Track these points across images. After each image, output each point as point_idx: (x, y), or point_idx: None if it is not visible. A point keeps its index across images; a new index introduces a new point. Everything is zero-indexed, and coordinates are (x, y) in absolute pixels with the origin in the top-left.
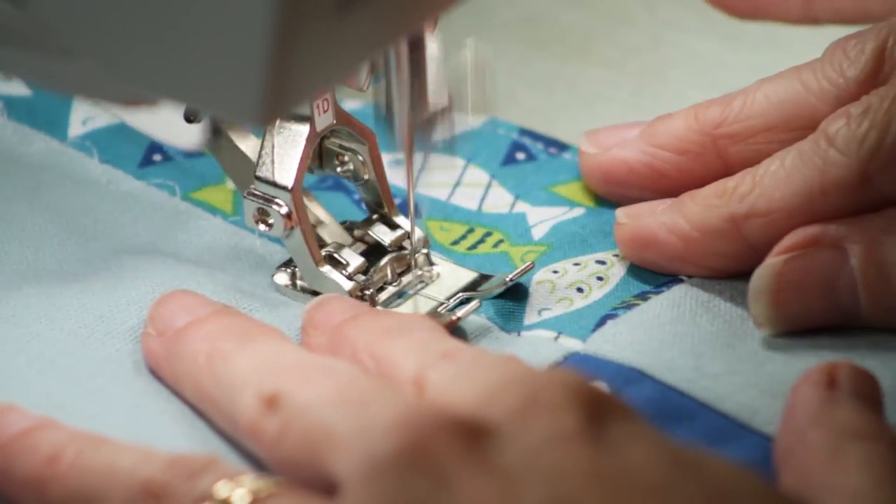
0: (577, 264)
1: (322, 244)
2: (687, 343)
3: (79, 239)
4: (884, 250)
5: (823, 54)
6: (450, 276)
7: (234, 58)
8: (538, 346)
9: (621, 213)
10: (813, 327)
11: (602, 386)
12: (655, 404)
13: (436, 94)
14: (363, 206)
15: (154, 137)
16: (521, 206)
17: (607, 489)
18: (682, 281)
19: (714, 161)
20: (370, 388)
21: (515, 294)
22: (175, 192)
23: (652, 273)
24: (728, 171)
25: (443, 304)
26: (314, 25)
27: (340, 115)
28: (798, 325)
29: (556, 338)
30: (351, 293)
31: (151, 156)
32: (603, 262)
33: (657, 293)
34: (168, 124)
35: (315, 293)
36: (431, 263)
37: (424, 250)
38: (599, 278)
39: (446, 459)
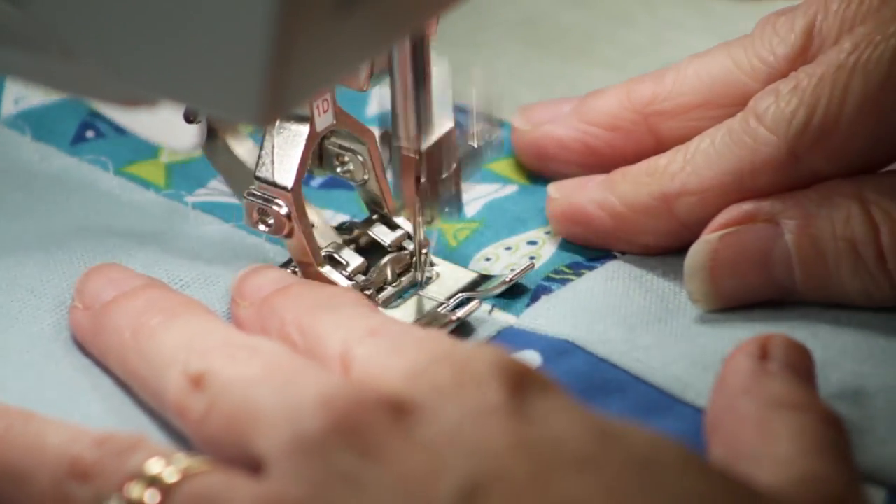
0: (508, 248)
1: (322, 245)
2: (619, 316)
3: (11, 215)
4: (817, 224)
5: (754, 30)
6: (450, 277)
7: (234, 58)
8: (472, 321)
9: (553, 189)
10: (749, 303)
11: (534, 359)
12: (587, 377)
13: (441, 116)
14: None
15: (149, 139)
16: None
17: (531, 461)
18: (615, 257)
19: (646, 138)
20: (296, 367)
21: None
22: (108, 168)
23: (584, 250)
24: (660, 147)
25: (443, 304)
26: (314, 25)
27: (340, 115)
28: (734, 301)
29: (490, 311)
30: None
31: (84, 132)
32: (534, 242)
33: (590, 268)
34: (164, 126)
35: None
36: (431, 264)
37: (424, 250)
38: (531, 258)
39: (373, 435)
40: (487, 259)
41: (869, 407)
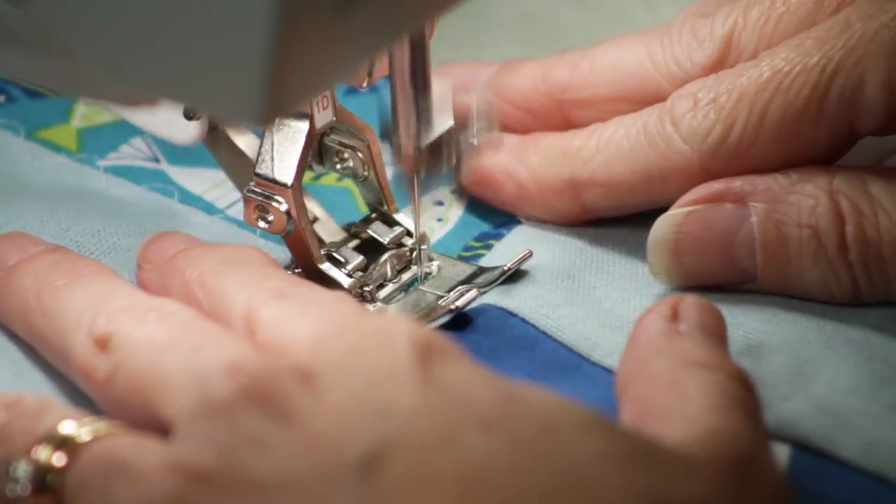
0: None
1: (321, 242)
2: (528, 276)
3: None
4: (784, 210)
5: (673, 24)
6: (449, 271)
7: (234, 58)
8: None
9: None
10: (709, 283)
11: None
12: (498, 332)
13: (441, 115)
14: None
15: (151, 132)
16: None
17: (437, 423)
18: (520, 222)
19: (558, 122)
20: (205, 331)
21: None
22: (19, 133)
23: (489, 212)
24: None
25: (442, 297)
26: (313, 25)
27: (340, 112)
28: (695, 279)
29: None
30: (350, 290)
31: None
32: (441, 203)
33: (497, 236)
34: (165, 120)
35: None
36: (430, 259)
37: (423, 246)
38: (439, 220)
39: (281, 399)
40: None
41: (772, 363)
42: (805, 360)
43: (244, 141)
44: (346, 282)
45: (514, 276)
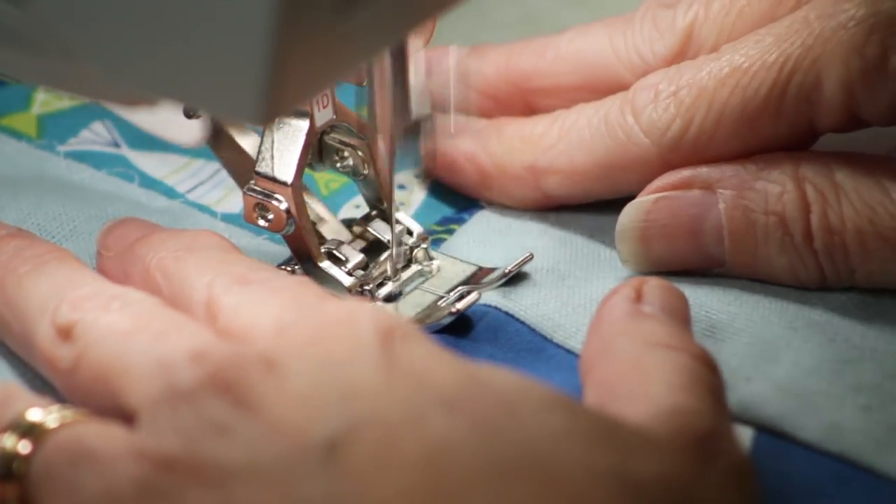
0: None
1: (321, 240)
2: (490, 260)
3: None
4: (751, 197)
5: (636, 14)
6: (449, 270)
7: (234, 58)
8: (341, 283)
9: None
10: (677, 269)
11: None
12: (462, 315)
13: (419, 102)
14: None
15: (154, 134)
16: None
17: (402, 404)
18: (482, 208)
19: (522, 109)
20: (167, 319)
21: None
22: None
23: (451, 196)
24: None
25: (442, 297)
26: (313, 25)
27: (340, 110)
28: (663, 265)
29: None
30: (351, 289)
31: None
32: (403, 187)
33: (459, 221)
34: (168, 121)
35: None
36: (430, 258)
37: (424, 245)
38: (401, 204)
39: (245, 386)
40: (357, 206)
41: (735, 345)
42: (768, 341)
43: (247, 142)
44: (346, 280)
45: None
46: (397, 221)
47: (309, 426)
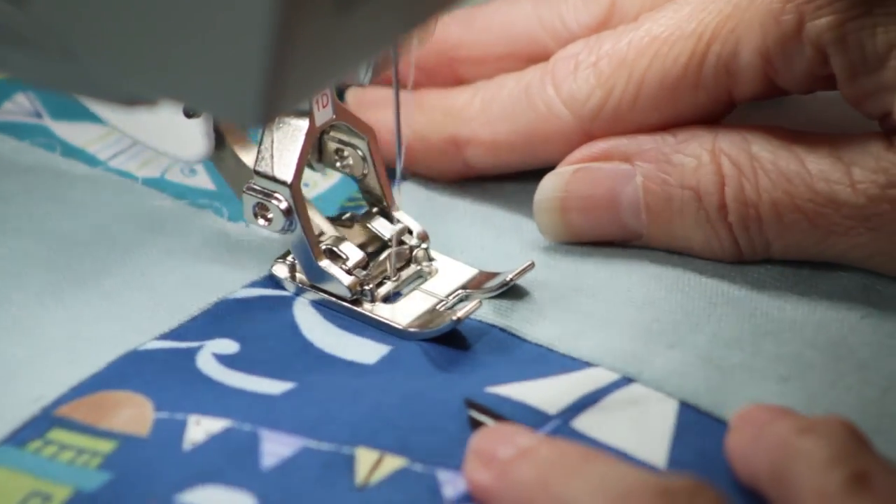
0: None
1: (321, 239)
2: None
3: None
4: (668, 170)
5: None
6: (449, 272)
7: (233, 58)
8: (266, 245)
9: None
10: (596, 240)
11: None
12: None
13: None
14: None
15: (157, 150)
16: None
17: None
18: (406, 179)
19: (449, 79)
20: None
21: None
22: None
23: None
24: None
25: (442, 301)
26: (313, 25)
27: (340, 110)
28: (581, 237)
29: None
30: (350, 287)
31: None
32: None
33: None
34: (171, 136)
35: (315, 287)
36: (430, 258)
37: (424, 245)
38: (322, 175)
39: None
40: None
41: (657, 312)
42: (689, 311)
43: (250, 157)
44: (345, 279)
45: None
46: (398, 220)
47: None
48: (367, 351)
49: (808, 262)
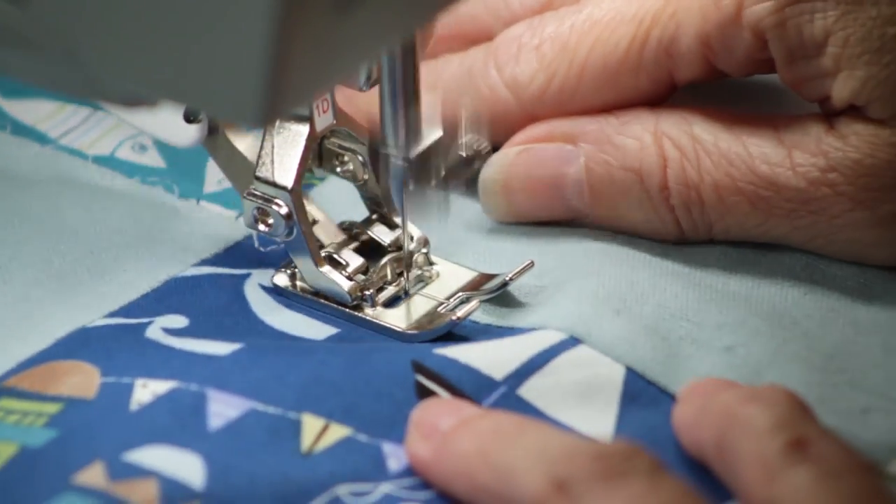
0: None
1: (321, 245)
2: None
3: None
4: (611, 152)
5: None
6: (449, 276)
7: (234, 58)
8: (218, 223)
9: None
10: (540, 220)
11: None
12: None
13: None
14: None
15: (152, 134)
16: None
17: None
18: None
19: None
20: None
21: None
22: None
23: None
24: None
25: (442, 303)
26: (314, 26)
27: (340, 115)
28: (526, 217)
29: (237, 217)
30: (350, 293)
31: None
32: None
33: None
34: (165, 122)
35: (316, 294)
36: (431, 263)
37: (424, 250)
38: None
39: None
40: (220, 181)
41: (602, 280)
42: (633, 283)
43: (243, 144)
44: (346, 285)
45: None
46: (398, 226)
47: None
48: (315, 330)
49: (752, 242)
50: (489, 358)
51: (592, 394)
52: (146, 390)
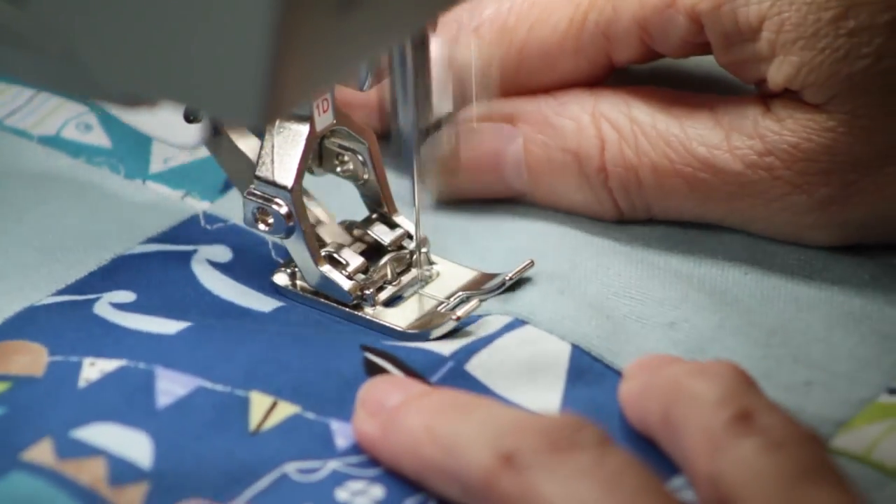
0: None
1: (322, 244)
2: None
3: None
4: (550, 133)
5: None
6: (449, 275)
7: (234, 58)
8: (164, 203)
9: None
10: (482, 198)
11: None
12: None
13: (440, 97)
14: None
15: (153, 136)
16: None
17: None
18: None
19: None
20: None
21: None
22: None
23: None
24: None
25: (443, 303)
26: (314, 25)
27: (340, 114)
28: (467, 195)
29: (183, 197)
30: (351, 293)
31: None
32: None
33: None
34: (167, 123)
35: (316, 293)
36: (431, 262)
37: (424, 249)
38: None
39: None
40: (166, 160)
41: (547, 261)
42: (577, 264)
43: (246, 144)
44: (346, 284)
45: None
46: (398, 225)
47: None
48: (262, 303)
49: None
50: (437, 340)
51: (538, 371)
52: (94, 368)
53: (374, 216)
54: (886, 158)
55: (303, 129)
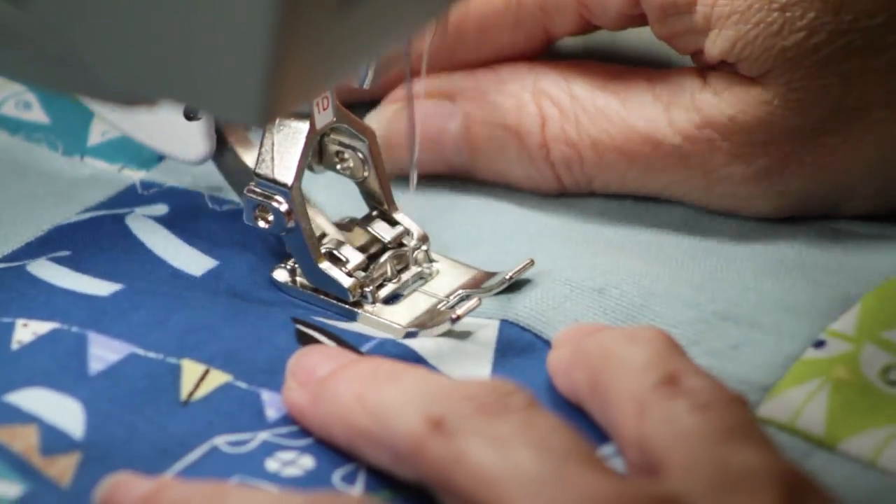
0: None
1: (321, 241)
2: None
3: None
4: (489, 110)
5: None
6: (449, 273)
7: (234, 58)
8: (102, 177)
9: None
10: (423, 175)
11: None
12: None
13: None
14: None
15: (160, 151)
16: None
17: None
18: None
19: None
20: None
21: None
22: None
23: None
24: None
25: (442, 301)
26: (314, 25)
27: (340, 112)
28: (407, 172)
29: (121, 170)
30: (351, 290)
31: None
32: None
33: None
34: (175, 137)
35: (315, 290)
36: (431, 260)
37: (424, 247)
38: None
39: None
40: (104, 133)
41: (485, 248)
42: (507, 252)
43: (251, 157)
44: (346, 281)
45: None
46: (398, 223)
47: None
48: (194, 262)
49: (632, 195)
50: None
51: (467, 341)
52: (27, 329)
53: (375, 213)
54: (822, 129)
55: (303, 127)
